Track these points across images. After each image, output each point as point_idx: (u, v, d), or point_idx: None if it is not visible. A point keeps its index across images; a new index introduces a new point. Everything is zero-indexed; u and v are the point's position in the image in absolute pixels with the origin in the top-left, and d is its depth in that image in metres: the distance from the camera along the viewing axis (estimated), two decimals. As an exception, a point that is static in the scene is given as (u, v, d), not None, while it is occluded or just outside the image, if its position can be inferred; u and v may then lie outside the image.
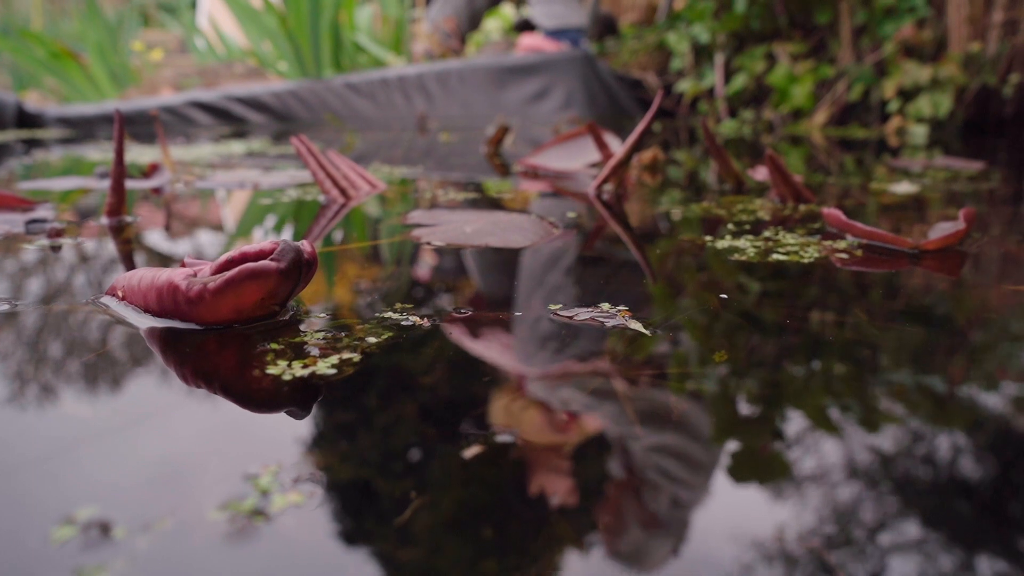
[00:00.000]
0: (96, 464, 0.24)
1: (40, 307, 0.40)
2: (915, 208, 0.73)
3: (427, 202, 0.74)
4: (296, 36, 1.85)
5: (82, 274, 0.47)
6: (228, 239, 0.59)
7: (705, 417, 0.28)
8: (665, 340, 0.35)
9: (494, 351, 0.34)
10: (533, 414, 0.28)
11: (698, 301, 0.41)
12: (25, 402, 0.29)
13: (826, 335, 0.36)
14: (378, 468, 0.25)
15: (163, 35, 5.41)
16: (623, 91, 1.94)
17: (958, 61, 1.53)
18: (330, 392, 0.29)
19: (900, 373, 0.32)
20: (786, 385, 0.31)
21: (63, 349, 0.35)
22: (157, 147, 0.88)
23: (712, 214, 0.66)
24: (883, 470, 0.24)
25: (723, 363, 0.33)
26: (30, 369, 0.33)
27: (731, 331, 0.36)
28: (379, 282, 0.46)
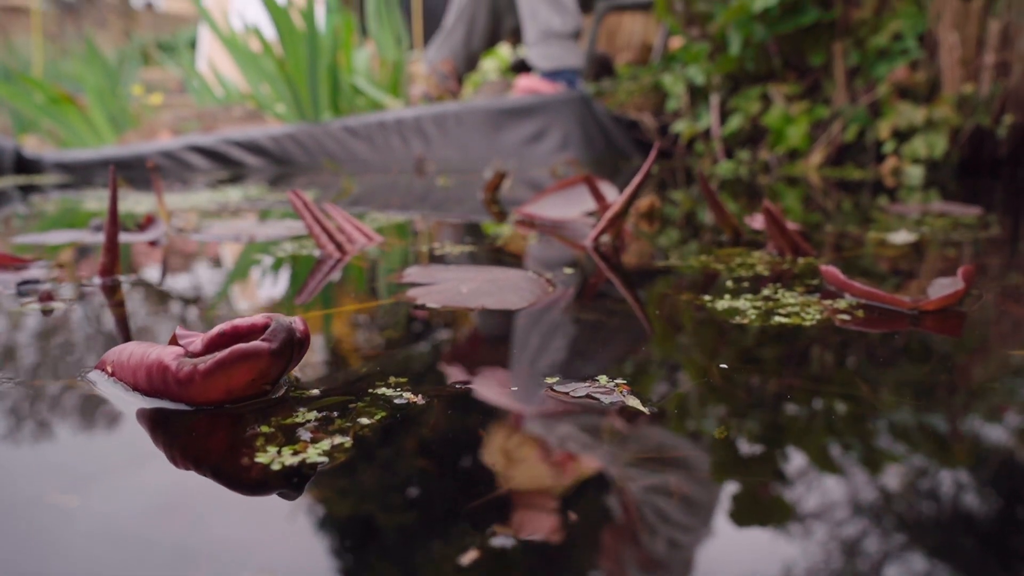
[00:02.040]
0: (74, 556, 0.23)
1: (24, 383, 0.39)
2: (914, 259, 0.73)
3: (424, 256, 0.73)
4: (294, 80, 1.86)
5: (72, 344, 0.47)
6: (221, 300, 0.58)
7: (704, 502, 0.27)
8: (664, 418, 0.34)
9: (492, 436, 0.33)
10: (531, 514, 0.27)
11: (698, 371, 0.40)
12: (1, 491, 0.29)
13: (828, 412, 0.35)
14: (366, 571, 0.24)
15: (163, 74, 5.46)
16: (620, 132, 1.95)
17: (952, 102, 1.54)
18: (320, 483, 0.29)
19: (905, 460, 0.31)
20: (787, 468, 0.30)
21: (43, 431, 0.34)
22: (154, 195, 0.88)
23: (710, 268, 0.66)
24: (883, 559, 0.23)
25: (723, 441, 0.33)
26: (5, 452, 0.32)
27: (731, 406, 0.36)
28: (373, 350, 0.45)
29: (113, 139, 1.97)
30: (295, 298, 0.58)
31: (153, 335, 0.49)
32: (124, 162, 1.64)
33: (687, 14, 1.87)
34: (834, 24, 1.72)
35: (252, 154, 1.71)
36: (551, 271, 0.66)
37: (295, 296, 0.59)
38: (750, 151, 1.80)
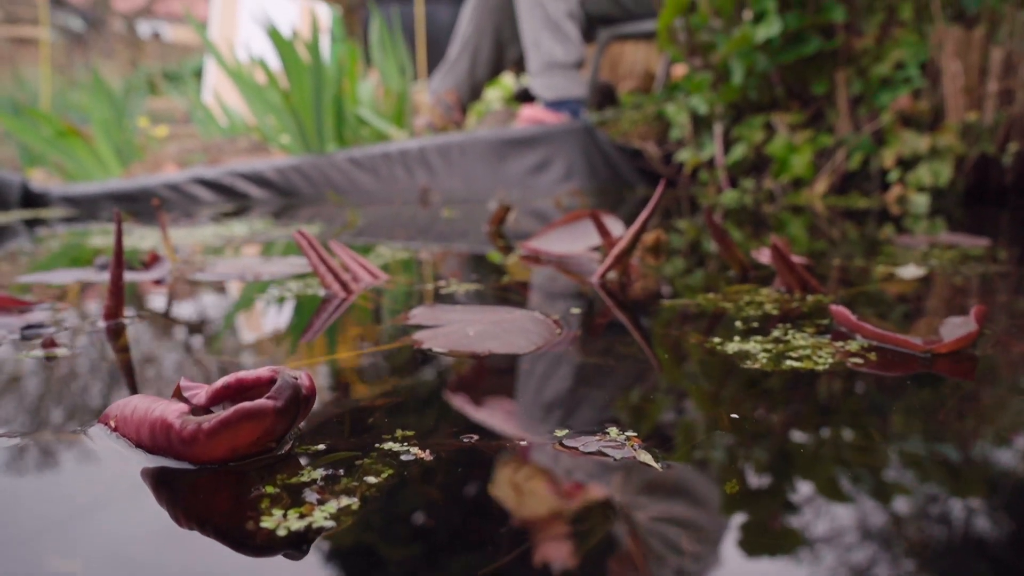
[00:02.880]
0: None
1: (25, 437, 0.39)
2: (924, 295, 0.72)
3: (429, 294, 0.73)
4: (299, 111, 1.87)
5: (75, 393, 0.46)
6: (226, 344, 0.58)
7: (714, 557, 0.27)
8: (675, 473, 0.34)
9: (501, 497, 0.33)
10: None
11: (709, 421, 0.40)
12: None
13: (843, 462, 0.35)
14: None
15: (169, 103, 5.51)
16: (623, 161, 1.96)
17: (956, 130, 1.54)
18: (327, 548, 0.28)
19: (925, 519, 0.30)
20: (800, 524, 0.29)
21: (43, 490, 0.33)
22: (159, 230, 0.88)
23: (719, 307, 0.65)
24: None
25: (734, 497, 0.32)
26: (3, 513, 0.31)
27: (743, 459, 0.35)
28: (380, 398, 0.44)
29: (119, 171, 1.98)
30: (300, 340, 0.58)
31: (157, 384, 0.48)
32: (129, 195, 1.65)
33: (689, 44, 1.87)
34: (836, 53, 1.73)
35: (257, 186, 1.71)
36: (558, 310, 0.66)
37: (300, 337, 0.58)
38: (754, 180, 1.80)
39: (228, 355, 0.55)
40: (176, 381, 0.48)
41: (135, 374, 0.51)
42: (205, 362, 0.53)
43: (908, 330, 0.57)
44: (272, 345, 0.57)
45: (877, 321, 0.57)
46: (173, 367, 0.52)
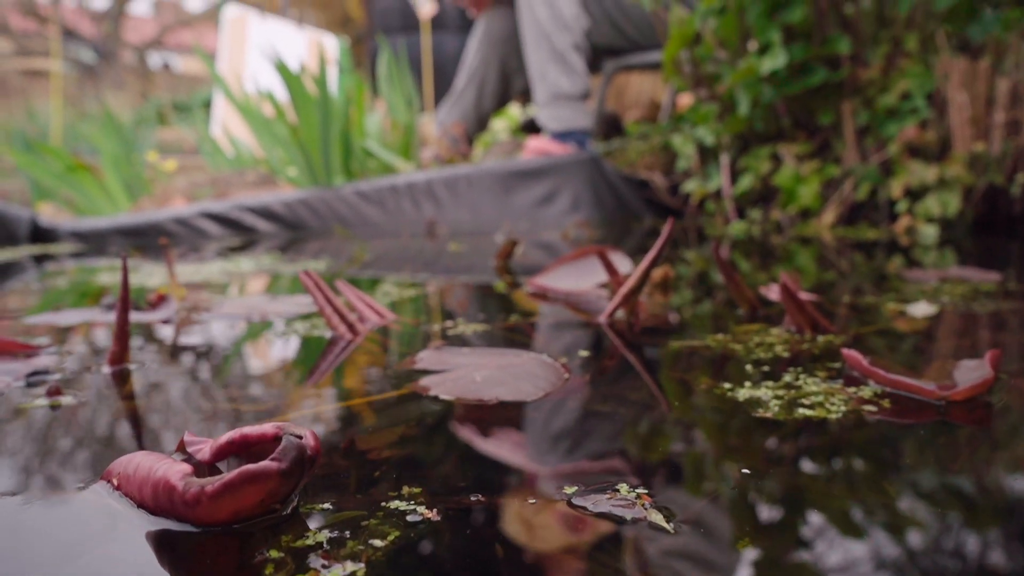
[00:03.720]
0: None
1: (24, 494, 0.38)
2: (936, 335, 0.71)
3: (436, 335, 0.72)
4: (306, 145, 1.88)
5: (78, 446, 0.46)
6: (231, 391, 0.57)
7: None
8: (687, 534, 0.33)
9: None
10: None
11: (721, 477, 0.39)
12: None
13: (857, 521, 0.34)
14: None
15: (179, 134, 5.57)
16: (630, 192, 1.96)
17: (963, 161, 1.54)
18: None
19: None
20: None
21: (41, 551, 0.33)
22: (167, 266, 0.87)
23: (728, 349, 0.64)
24: None
25: (745, 551, 0.31)
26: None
27: (755, 516, 0.34)
28: (386, 450, 0.44)
29: (128, 206, 1.99)
30: (305, 386, 0.57)
31: (162, 434, 0.48)
32: (138, 230, 1.65)
33: (695, 75, 1.88)
34: (842, 84, 1.73)
35: (264, 220, 1.72)
36: (565, 352, 0.65)
37: (305, 383, 0.58)
38: (762, 210, 1.80)
39: (233, 402, 0.54)
40: (181, 432, 0.48)
41: (140, 423, 0.50)
42: (210, 410, 0.52)
43: (921, 373, 0.57)
44: (277, 392, 0.57)
45: (889, 364, 0.56)
46: (178, 416, 0.51)
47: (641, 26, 2.25)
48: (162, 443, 0.46)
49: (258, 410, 0.52)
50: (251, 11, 4.12)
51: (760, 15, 1.70)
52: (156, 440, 0.47)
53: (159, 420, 0.51)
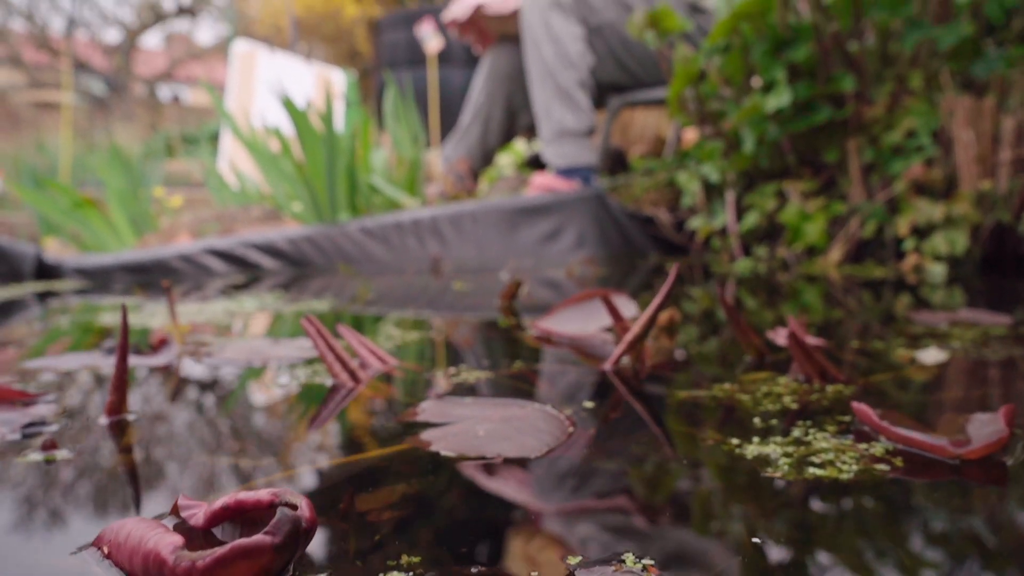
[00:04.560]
0: None
1: (7, 561, 0.37)
2: (948, 384, 0.70)
3: (439, 383, 0.71)
4: (312, 181, 1.89)
5: (71, 505, 0.45)
6: (229, 446, 0.57)
7: None
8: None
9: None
10: None
11: (730, 546, 0.38)
12: None
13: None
14: None
15: (187, 165, 5.61)
16: (635, 229, 1.96)
17: (970, 199, 1.54)
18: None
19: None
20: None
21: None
22: (170, 307, 0.87)
23: (735, 399, 0.63)
24: None
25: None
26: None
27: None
28: (387, 511, 0.43)
29: (133, 241, 2.00)
30: (304, 440, 0.56)
31: (157, 493, 0.47)
32: (142, 267, 1.65)
33: (700, 113, 1.89)
34: (847, 122, 1.73)
35: (269, 256, 1.72)
36: (570, 402, 0.64)
37: (304, 437, 0.57)
38: (768, 247, 1.79)
39: (231, 456, 0.53)
40: (176, 490, 0.47)
41: (136, 480, 0.49)
42: (207, 466, 0.51)
43: (934, 427, 0.55)
44: (276, 446, 0.56)
45: (900, 418, 0.55)
46: (175, 473, 0.50)
47: (646, 63, 2.27)
48: (157, 502, 0.45)
49: (256, 465, 0.51)
50: (260, 46, 4.17)
51: (764, 53, 1.71)
52: (151, 499, 0.46)
53: (155, 477, 0.50)
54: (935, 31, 1.61)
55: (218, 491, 0.47)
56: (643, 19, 1.81)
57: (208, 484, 0.48)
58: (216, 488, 0.48)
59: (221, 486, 0.48)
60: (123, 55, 13.01)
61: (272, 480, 0.48)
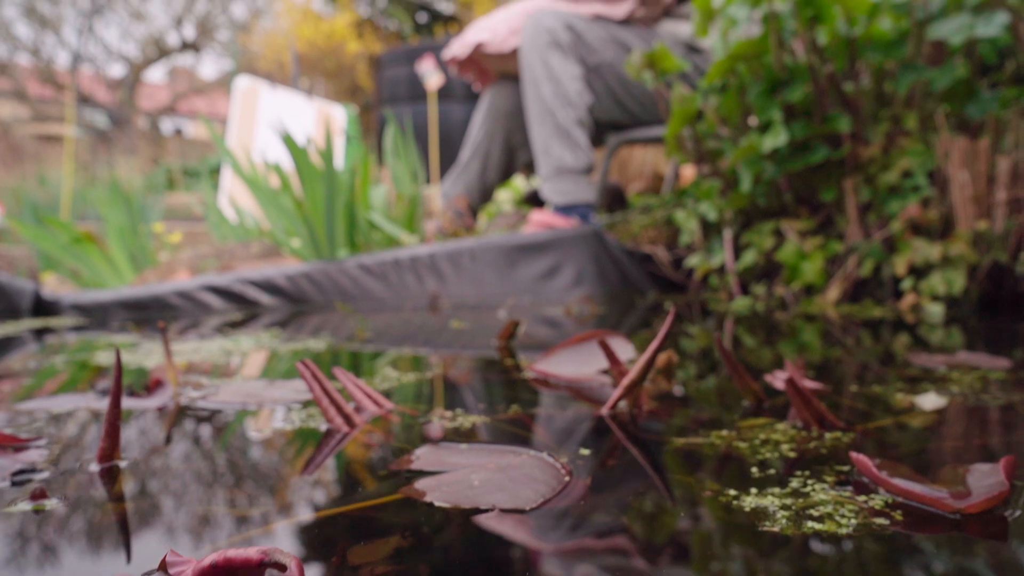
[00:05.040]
0: None
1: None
2: (947, 432, 0.69)
3: (435, 429, 0.71)
4: (311, 218, 1.89)
5: (59, 561, 0.44)
6: (222, 494, 0.56)
7: None
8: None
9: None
10: None
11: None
12: None
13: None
14: None
15: (188, 198, 5.64)
16: (633, 266, 1.96)
17: (967, 239, 1.54)
18: None
19: None
20: None
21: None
22: (165, 348, 0.86)
23: (732, 447, 0.63)
24: None
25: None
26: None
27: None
28: (380, 566, 0.42)
29: (132, 277, 2.00)
30: (296, 489, 0.56)
31: (147, 545, 0.46)
32: (140, 303, 1.65)
33: (697, 152, 1.90)
34: (843, 162, 1.74)
35: (267, 293, 1.72)
36: (567, 449, 0.63)
37: (297, 485, 0.56)
38: (766, 286, 1.80)
39: (223, 505, 0.53)
40: (167, 542, 0.46)
41: (126, 531, 0.49)
42: (198, 515, 0.51)
43: (934, 476, 0.55)
44: (268, 495, 0.55)
45: (899, 467, 0.54)
46: (165, 523, 0.49)
47: (644, 102, 2.29)
48: (147, 554, 0.45)
49: (247, 515, 0.50)
50: (262, 82, 4.21)
51: (761, 94, 1.73)
52: (142, 550, 0.46)
53: (145, 527, 0.49)
54: (929, 73, 1.62)
55: (209, 542, 0.47)
56: (641, 59, 1.83)
57: (198, 534, 0.48)
58: (207, 538, 0.47)
59: (212, 537, 0.48)
60: (127, 89, 13.15)
61: (265, 531, 0.48)
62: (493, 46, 2.29)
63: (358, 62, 9.91)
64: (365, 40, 10.10)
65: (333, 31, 9.69)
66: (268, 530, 0.48)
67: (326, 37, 9.66)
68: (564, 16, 2.15)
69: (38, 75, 13.11)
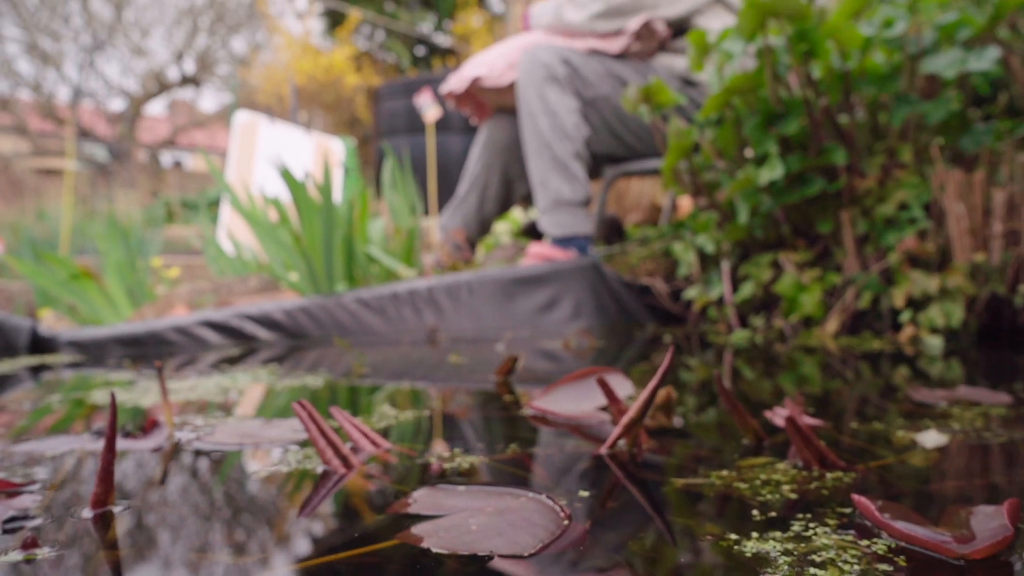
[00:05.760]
0: None
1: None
2: (950, 471, 0.69)
3: (433, 469, 0.70)
4: (309, 252, 1.90)
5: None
6: (214, 536, 0.55)
7: None
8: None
9: None
10: None
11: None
12: None
13: None
14: None
15: (186, 231, 5.66)
16: (632, 298, 1.96)
17: (964, 271, 1.54)
18: None
19: None
20: None
21: None
22: (161, 387, 0.86)
23: (733, 488, 0.62)
24: None
25: None
26: None
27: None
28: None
29: (130, 313, 1.99)
30: (291, 534, 0.55)
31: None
32: (137, 339, 1.65)
33: (694, 184, 1.91)
34: (840, 194, 1.75)
35: (265, 328, 1.71)
36: (565, 491, 0.63)
37: (292, 530, 0.56)
38: (764, 318, 1.79)
39: (215, 551, 0.52)
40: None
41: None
42: (192, 563, 0.50)
43: (937, 519, 0.54)
44: (262, 540, 0.55)
45: (902, 509, 0.54)
46: (159, 573, 0.49)
47: (641, 135, 2.30)
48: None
49: (241, 563, 0.50)
50: (261, 117, 4.24)
51: (756, 127, 1.74)
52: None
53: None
54: (923, 106, 1.64)
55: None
56: (637, 93, 1.85)
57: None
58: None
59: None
60: (127, 123, 13.24)
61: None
62: (490, 80, 2.31)
63: (356, 95, 9.99)
64: (363, 73, 10.20)
65: (332, 64, 9.79)
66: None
67: (325, 70, 9.76)
68: (560, 51, 2.17)
69: (39, 110, 13.21)
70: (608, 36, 2.24)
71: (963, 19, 1.61)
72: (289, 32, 10.67)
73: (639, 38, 2.20)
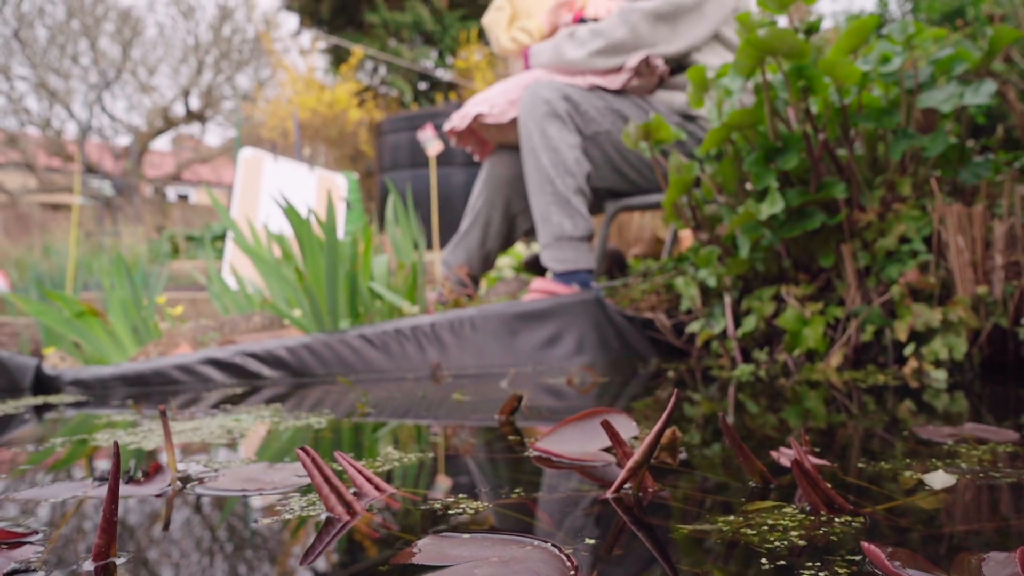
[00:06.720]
0: None
1: None
2: (958, 514, 0.68)
3: (437, 515, 0.70)
4: (313, 289, 1.90)
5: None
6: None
7: None
8: None
9: None
10: None
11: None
12: None
13: None
14: None
15: (191, 265, 5.68)
16: (634, 332, 1.96)
17: (966, 304, 1.54)
18: None
19: None
20: None
21: None
22: (164, 431, 0.86)
23: (740, 535, 0.62)
24: None
25: None
26: None
27: None
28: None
29: (134, 350, 2.00)
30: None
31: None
32: (141, 378, 1.65)
33: (695, 218, 1.92)
34: (841, 227, 1.76)
35: (268, 366, 1.71)
36: (571, 537, 0.62)
37: (296, 574, 0.55)
38: (767, 352, 1.79)
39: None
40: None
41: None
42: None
43: (947, 566, 0.54)
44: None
45: (912, 555, 0.53)
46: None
47: (641, 169, 2.32)
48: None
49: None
50: (265, 153, 4.28)
51: (756, 161, 1.75)
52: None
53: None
54: (921, 140, 1.65)
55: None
56: (637, 130, 1.86)
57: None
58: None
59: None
60: (133, 159, 13.36)
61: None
62: (492, 117, 2.33)
63: (360, 129, 10.08)
64: (367, 108, 10.30)
65: (335, 100, 9.89)
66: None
67: (328, 106, 9.86)
68: (561, 87, 2.20)
69: (47, 146, 13.35)
70: (608, 72, 2.27)
71: (959, 54, 1.63)
72: (293, 68, 10.79)
73: (638, 74, 2.23)
